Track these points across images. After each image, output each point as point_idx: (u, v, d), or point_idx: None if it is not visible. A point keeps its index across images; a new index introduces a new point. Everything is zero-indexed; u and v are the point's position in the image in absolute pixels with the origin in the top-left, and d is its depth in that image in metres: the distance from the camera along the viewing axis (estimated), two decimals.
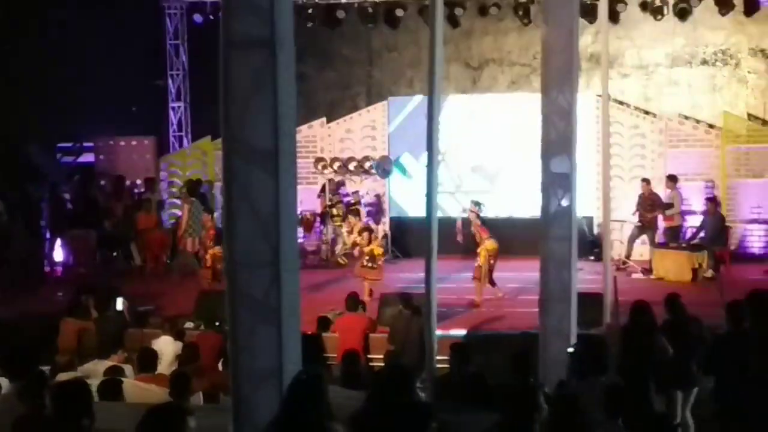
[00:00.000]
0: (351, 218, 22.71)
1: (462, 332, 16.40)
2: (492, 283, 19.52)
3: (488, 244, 19.27)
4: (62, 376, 11.39)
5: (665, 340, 12.04)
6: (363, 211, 24.85)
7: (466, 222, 19.87)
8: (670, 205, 23.13)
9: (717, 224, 22.37)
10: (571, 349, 10.35)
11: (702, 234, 22.48)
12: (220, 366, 13.94)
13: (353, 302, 16.40)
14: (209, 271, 19.82)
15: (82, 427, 6.82)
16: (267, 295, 7.68)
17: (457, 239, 19.95)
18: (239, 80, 7.74)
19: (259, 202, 7.67)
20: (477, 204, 19.81)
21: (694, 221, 23.51)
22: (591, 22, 23.43)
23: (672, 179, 23.46)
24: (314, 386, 6.89)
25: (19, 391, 7.94)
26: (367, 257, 20.09)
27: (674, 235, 23.06)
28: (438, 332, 12.62)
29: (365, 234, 20.49)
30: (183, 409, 6.56)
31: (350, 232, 21.96)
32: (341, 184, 26.06)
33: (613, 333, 14.74)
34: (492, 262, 19.39)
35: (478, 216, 19.64)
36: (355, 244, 21.18)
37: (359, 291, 17.95)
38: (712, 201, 22.80)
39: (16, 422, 7.44)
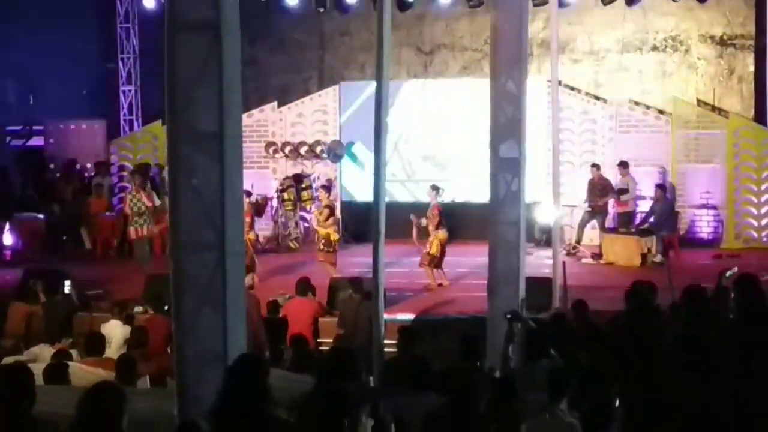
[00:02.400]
0: (322, 192, 22.33)
1: (410, 316, 16.43)
2: (441, 269, 19.58)
3: (440, 234, 19.29)
4: (7, 360, 11.34)
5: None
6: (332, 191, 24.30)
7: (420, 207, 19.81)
8: (625, 191, 23.22)
9: (665, 210, 22.49)
10: (508, 315, 10.43)
11: (651, 219, 22.61)
12: (168, 350, 13.90)
13: (303, 287, 16.40)
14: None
15: (21, 409, 6.78)
16: (211, 279, 7.66)
17: (413, 236, 19.95)
18: (184, 63, 7.71)
19: (204, 185, 7.64)
20: (436, 189, 19.80)
21: (645, 207, 23.61)
22: (536, 5, 23.43)
23: (624, 165, 23.51)
24: (252, 371, 6.89)
25: None
26: (323, 241, 20.10)
27: (627, 220, 23.16)
28: (386, 316, 12.64)
29: (326, 211, 20.39)
30: (122, 389, 6.55)
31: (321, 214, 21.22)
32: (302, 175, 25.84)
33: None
34: (443, 251, 19.43)
35: (436, 200, 19.63)
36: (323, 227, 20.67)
37: (313, 275, 17.89)
38: (661, 188, 22.92)
39: None
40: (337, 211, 25.03)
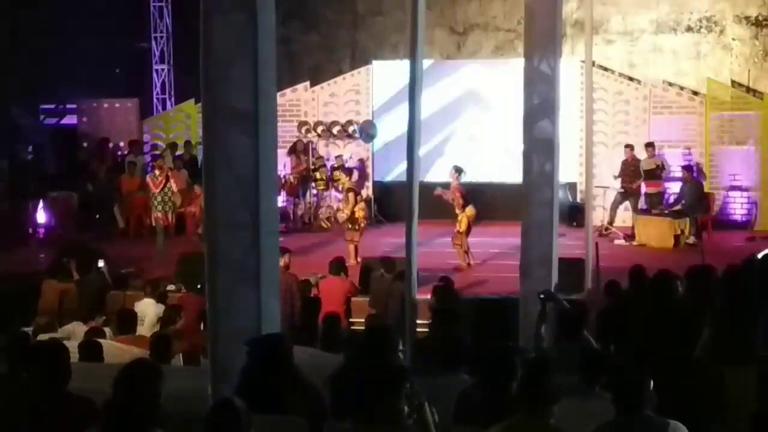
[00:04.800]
0: (342, 176, 22.44)
1: None
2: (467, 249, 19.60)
3: (468, 211, 19.30)
4: (42, 338, 11.40)
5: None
6: (354, 174, 24.41)
7: (446, 187, 19.79)
8: (652, 171, 23.14)
9: (695, 192, 22.39)
10: (542, 295, 10.48)
11: (682, 201, 22.52)
12: (201, 328, 13.93)
13: (337, 266, 16.42)
14: None
15: (58, 386, 6.84)
16: (246, 257, 7.68)
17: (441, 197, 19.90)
18: (220, 42, 7.73)
19: (239, 163, 7.66)
20: (458, 170, 19.79)
21: (676, 188, 23.52)
22: None
23: (651, 146, 23.41)
24: (273, 350, 6.92)
25: None
26: (350, 220, 20.13)
27: (657, 200, 23.07)
28: (419, 296, 12.63)
29: (350, 195, 20.48)
30: (158, 367, 6.58)
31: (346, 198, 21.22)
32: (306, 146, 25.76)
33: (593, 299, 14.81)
34: (470, 228, 19.44)
35: (458, 181, 19.62)
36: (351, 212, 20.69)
37: (343, 255, 17.92)
38: (688, 169, 22.78)
39: None
40: (369, 191, 25.10)
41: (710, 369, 8.69)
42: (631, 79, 25.53)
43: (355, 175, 24.34)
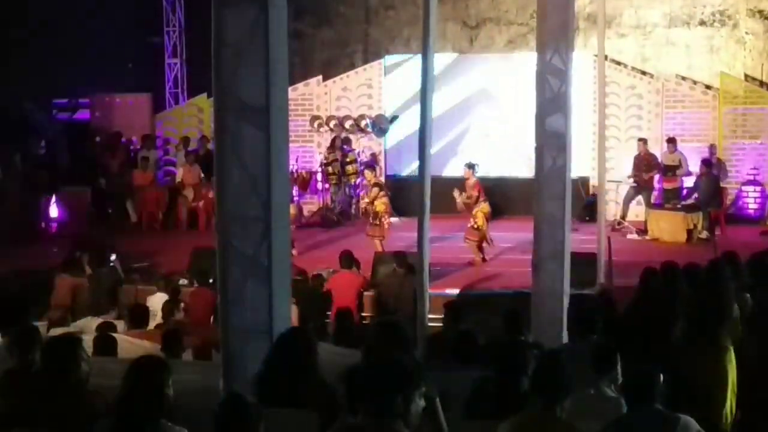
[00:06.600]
0: (367, 172, 22.40)
1: (455, 291, 16.42)
2: (483, 246, 19.56)
3: (484, 207, 19.29)
4: (55, 332, 11.43)
5: None
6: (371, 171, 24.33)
7: (461, 185, 19.77)
8: (673, 167, 23.10)
9: (711, 186, 22.33)
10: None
11: (696, 195, 22.48)
12: (212, 323, 13.95)
13: (347, 260, 16.40)
14: None
15: (74, 380, 6.87)
16: (257, 251, 7.68)
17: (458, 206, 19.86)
18: (231, 35, 7.72)
19: (250, 157, 7.66)
20: (471, 166, 19.77)
21: (690, 182, 23.46)
22: None
23: (673, 142, 23.36)
24: (300, 342, 6.91)
25: (8, 345, 7.94)
26: (371, 215, 20.12)
27: (674, 196, 22.99)
28: (431, 291, 12.62)
29: (375, 189, 20.42)
30: (166, 361, 6.60)
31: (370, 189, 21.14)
32: (347, 140, 25.80)
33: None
34: (488, 223, 19.42)
35: (473, 177, 19.61)
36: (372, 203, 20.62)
37: (356, 249, 17.87)
38: (706, 163, 22.72)
39: (4, 376, 7.46)
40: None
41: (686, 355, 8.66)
42: (643, 73, 25.47)
43: (377, 169, 24.28)
